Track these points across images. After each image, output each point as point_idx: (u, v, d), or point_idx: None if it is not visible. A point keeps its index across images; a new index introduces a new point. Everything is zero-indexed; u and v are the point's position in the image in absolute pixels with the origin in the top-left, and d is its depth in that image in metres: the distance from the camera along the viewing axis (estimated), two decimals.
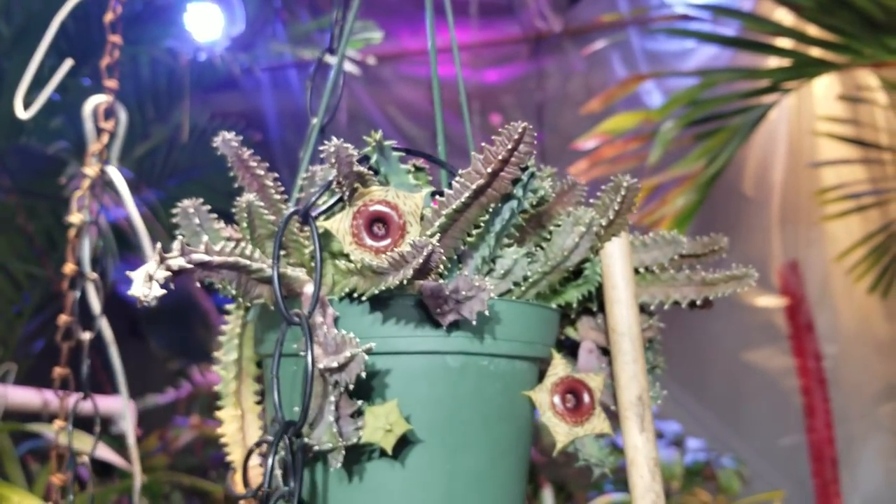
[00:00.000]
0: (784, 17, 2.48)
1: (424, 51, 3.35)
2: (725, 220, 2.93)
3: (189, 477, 2.26)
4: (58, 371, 0.90)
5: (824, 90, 2.92)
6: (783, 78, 1.90)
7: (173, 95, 2.53)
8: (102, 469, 2.59)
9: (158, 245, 0.52)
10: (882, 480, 3.00)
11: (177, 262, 0.52)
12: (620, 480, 2.53)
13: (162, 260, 0.51)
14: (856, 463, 3.03)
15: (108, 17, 0.89)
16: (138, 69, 2.28)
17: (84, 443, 1.91)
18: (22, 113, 0.85)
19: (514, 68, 3.26)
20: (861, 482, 3.02)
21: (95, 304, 0.90)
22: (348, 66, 2.48)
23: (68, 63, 0.89)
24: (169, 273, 0.51)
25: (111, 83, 0.87)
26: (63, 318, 0.90)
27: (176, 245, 0.52)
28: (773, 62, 2.43)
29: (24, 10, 2.19)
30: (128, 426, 0.97)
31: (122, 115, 0.87)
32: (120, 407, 2.25)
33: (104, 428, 2.18)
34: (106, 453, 1.82)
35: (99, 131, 0.86)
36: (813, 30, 1.98)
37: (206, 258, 0.53)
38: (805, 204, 3.04)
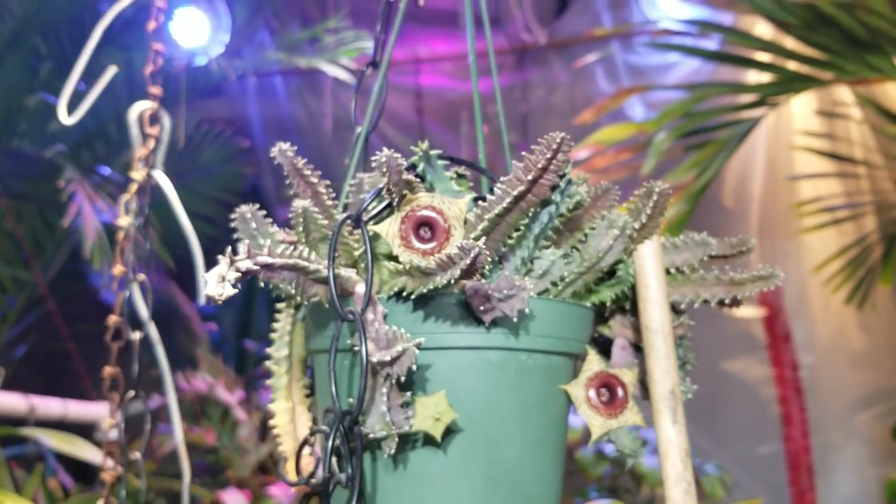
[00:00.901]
0: (764, 31, 2.54)
1: (411, 60, 3.39)
2: (706, 231, 2.99)
3: (178, 481, 2.26)
4: (108, 370, 0.92)
5: (802, 105, 2.99)
6: (770, 93, 1.96)
7: (166, 101, 2.55)
8: (85, 475, 2.59)
9: (229, 248, 0.55)
10: (857, 488, 3.06)
11: (245, 263, 0.55)
12: (604, 487, 2.57)
13: (232, 262, 0.54)
14: (831, 471, 3.08)
15: (151, 25, 0.91)
16: (131, 74, 2.29)
17: (77, 446, 1.91)
18: (66, 119, 0.87)
19: (500, 79, 3.30)
20: (837, 490, 3.07)
21: (142, 306, 0.92)
22: (340, 74, 2.52)
23: (112, 70, 0.91)
24: (238, 274, 0.54)
25: (155, 90, 0.89)
26: (112, 319, 0.92)
27: (243, 248, 0.56)
28: (753, 76, 2.49)
29: (16, 13, 2.19)
30: (177, 427, 0.98)
31: (167, 122, 0.89)
32: (104, 413, 2.25)
33: (89, 434, 2.18)
34: (95, 456, 1.82)
35: (144, 136, 0.88)
36: (792, 44, 2.04)
37: (270, 260, 0.57)
38: (783, 216, 3.10)
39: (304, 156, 0.65)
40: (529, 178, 0.61)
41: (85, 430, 2.14)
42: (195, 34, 2.68)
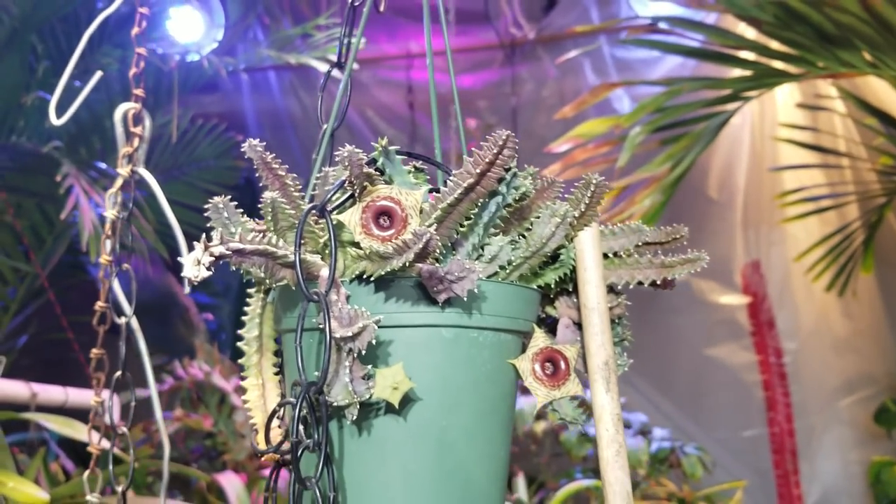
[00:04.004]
0: (746, 30, 2.60)
1: (402, 55, 3.45)
2: (692, 222, 3.02)
3: (175, 465, 2.33)
4: (94, 352, 0.99)
5: (785, 98, 3.05)
6: (744, 88, 2.02)
7: (160, 97, 2.61)
8: (85, 459, 2.66)
9: (203, 235, 0.62)
10: (840, 471, 3.11)
11: (218, 249, 0.62)
12: (589, 469, 2.64)
13: (206, 247, 0.61)
14: (815, 454, 3.14)
15: (135, 31, 0.98)
16: (127, 70, 2.35)
17: (77, 430, 1.98)
18: (55, 119, 0.93)
19: (490, 74, 3.37)
20: (820, 473, 3.13)
21: (120, 294, 0.99)
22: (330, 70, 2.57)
23: (98, 74, 0.98)
24: (212, 258, 0.61)
25: (139, 91, 0.96)
26: (99, 305, 0.99)
27: (216, 235, 0.62)
28: (736, 72, 2.55)
29: (14, 12, 2.25)
30: (158, 413, 1.05)
31: (148, 122, 0.96)
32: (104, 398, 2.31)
33: (88, 420, 2.24)
34: (95, 438, 1.89)
35: (129, 135, 0.94)
36: (774, 43, 2.10)
37: (241, 246, 0.63)
38: (767, 206, 3.16)
39: (298, 150, 0.72)
40: (478, 171, 0.68)
41: (85, 415, 2.20)
42: (190, 31, 2.74)
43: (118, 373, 0.96)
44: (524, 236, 0.72)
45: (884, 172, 2.82)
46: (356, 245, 0.69)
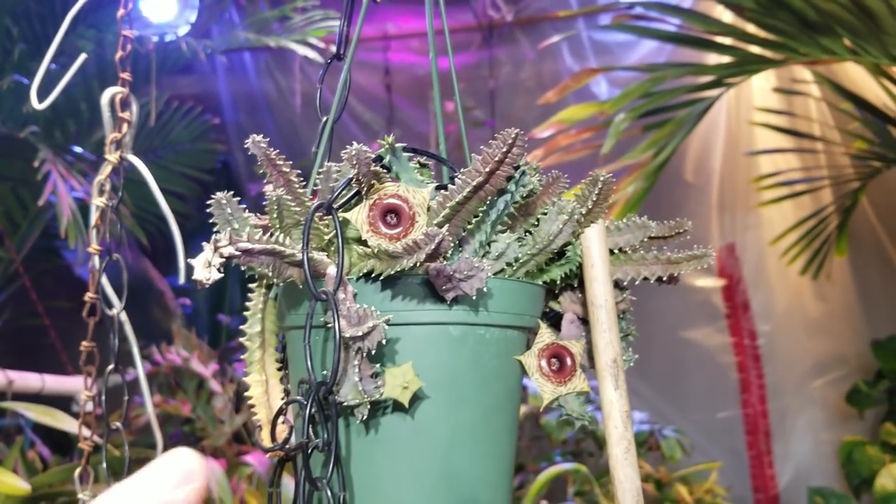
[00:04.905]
0: (723, 13, 2.61)
1: (379, 37, 3.43)
2: (669, 205, 3.07)
3: (153, 451, 2.32)
4: (84, 345, 0.98)
5: (761, 83, 3.07)
6: (727, 74, 2.03)
7: (136, 79, 2.57)
8: (61, 446, 2.64)
9: (213, 236, 0.61)
10: (812, 451, 3.16)
11: (227, 249, 0.61)
12: (568, 452, 2.66)
13: (216, 248, 0.60)
14: (788, 435, 3.19)
15: (120, 12, 0.96)
16: (103, 52, 2.32)
17: (57, 418, 1.96)
18: (37, 104, 0.91)
19: (467, 56, 3.36)
20: (793, 453, 3.18)
21: (107, 285, 0.97)
22: (309, 53, 2.55)
23: (82, 57, 0.95)
24: (222, 259, 0.60)
25: (125, 75, 0.94)
26: (89, 296, 0.97)
27: (225, 235, 0.62)
28: (714, 57, 2.56)
29: None
30: (148, 399, 1.04)
31: (135, 106, 0.94)
32: (80, 386, 2.29)
33: (65, 407, 2.22)
34: (75, 427, 1.87)
35: (116, 120, 0.93)
36: (751, 28, 2.11)
37: (250, 246, 0.63)
38: (742, 190, 3.19)
39: (274, 132, 0.71)
40: (487, 169, 0.68)
41: (61, 402, 2.18)
42: (163, 12, 2.71)
43: (111, 366, 0.95)
44: (530, 233, 0.72)
45: (858, 157, 2.85)
46: (362, 243, 0.68)
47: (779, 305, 3.18)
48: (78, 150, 2.42)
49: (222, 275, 0.60)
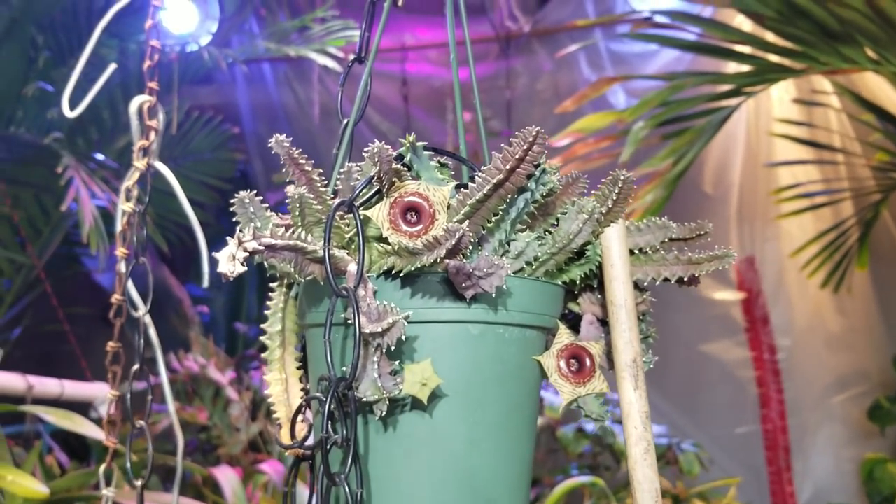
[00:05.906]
0: (743, 23, 2.60)
1: (397, 48, 3.44)
2: (687, 216, 3.03)
3: (172, 458, 2.32)
4: (111, 345, 0.98)
5: (781, 93, 3.05)
6: (746, 83, 2.02)
7: (159, 88, 2.59)
8: (79, 453, 2.65)
9: (238, 231, 0.61)
10: (833, 468, 3.12)
11: (251, 244, 0.62)
12: (585, 465, 2.64)
13: (240, 243, 0.61)
14: (808, 451, 3.14)
15: (148, 23, 0.97)
16: (125, 61, 2.34)
17: (76, 423, 1.97)
18: (68, 112, 0.92)
19: (485, 67, 3.37)
20: (813, 470, 3.13)
21: (132, 289, 0.98)
22: (329, 63, 2.57)
23: (112, 67, 0.97)
24: (246, 253, 0.61)
25: (153, 84, 0.95)
26: (115, 298, 0.98)
27: (249, 231, 0.62)
28: (733, 65, 2.55)
29: (13, 4, 2.24)
30: (170, 405, 1.04)
31: (162, 115, 0.95)
32: (99, 392, 2.30)
33: (84, 412, 2.23)
34: (94, 432, 1.88)
35: (143, 128, 0.94)
36: (771, 36, 2.10)
37: (273, 241, 0.63)
38: (762, 202, 3.16)
39: (293, 142, 0.72)
40: (507, 167, 0.68)
41: (80, 408, 2.19)
42: (184, 22, 2.73)
43: (136, 366, 0.95)
44: (550, 232, 0.72)
45: (879, 169, 2.83)
46: (383, 240, 0.68)
47: (799, 319, 3.15)
48: (100, 157, 2.44)
49: (245, 269, 0.60)
